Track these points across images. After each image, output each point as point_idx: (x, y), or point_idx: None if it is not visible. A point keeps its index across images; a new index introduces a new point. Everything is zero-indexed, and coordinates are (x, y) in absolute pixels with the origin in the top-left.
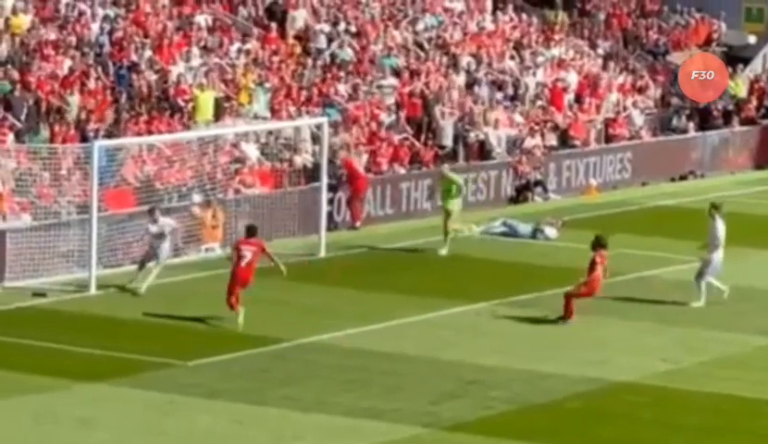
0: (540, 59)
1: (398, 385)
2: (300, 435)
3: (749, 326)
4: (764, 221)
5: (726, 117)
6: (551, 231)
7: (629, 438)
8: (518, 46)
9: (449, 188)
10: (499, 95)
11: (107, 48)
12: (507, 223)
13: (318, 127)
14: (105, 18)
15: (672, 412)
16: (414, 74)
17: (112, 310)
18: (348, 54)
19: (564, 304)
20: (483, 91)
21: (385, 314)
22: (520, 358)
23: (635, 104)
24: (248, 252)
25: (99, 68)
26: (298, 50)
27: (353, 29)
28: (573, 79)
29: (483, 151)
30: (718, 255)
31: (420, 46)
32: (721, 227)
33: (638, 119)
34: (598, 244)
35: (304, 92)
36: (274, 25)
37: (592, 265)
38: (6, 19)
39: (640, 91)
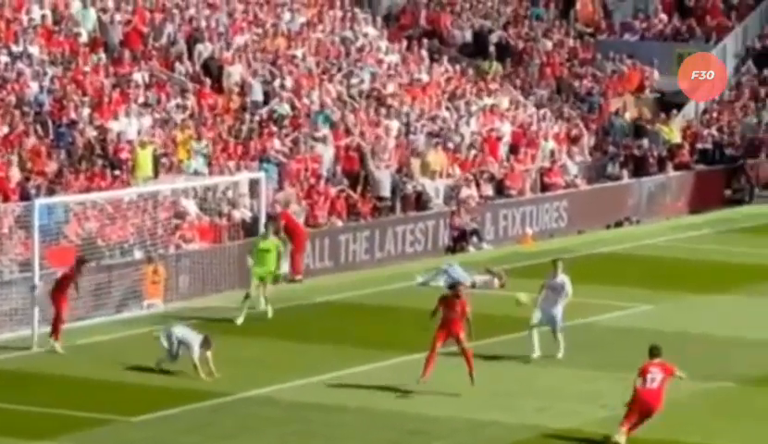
0: (474, 109)
1: (339, 437)
2: None
3: (688, 372)
4: (700, 266)
5: (661, 163)
6: (486, 281)
7: None
8: (453, 97)
9: (267, 249)
10: (435, 146)
11: (47, 107)
12: (449, 270)
13: (256, 181)
14: (44, 76)
15: None
16: (350, 127)
17: (55, 368)
18: (285, 108)
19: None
20: (419, 141)
21: (326, 366)
22: (461, 407)
23: (569, 153)
24: None
25: (38, 127)
26: (235, 105)
27: (289, 83)
28: (507, 128)
29: (420, 201)
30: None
31: (355, 99)
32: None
33: (573, 168)
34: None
35: (242, 147)
36: (210, 81)
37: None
38: None
39: (574, 139)
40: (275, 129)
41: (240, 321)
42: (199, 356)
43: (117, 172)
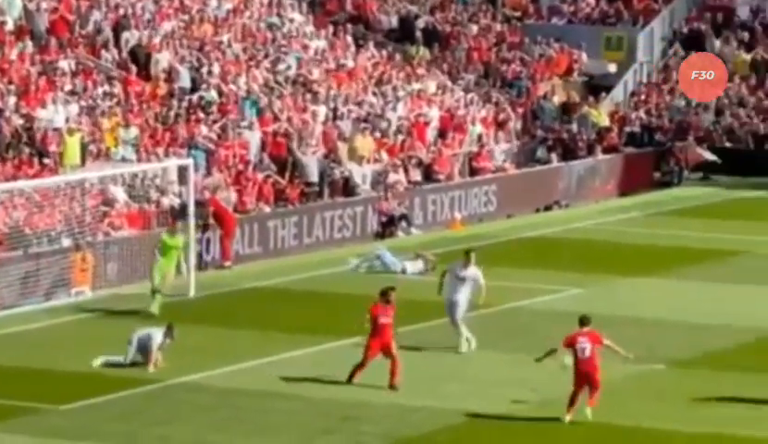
0: (402, 94)
1: (271, 423)
2: None
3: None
4: (629, 249)
5: (589, 147)
6: (415, 266)
7: None
8: (380, 82)
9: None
10: (362, 131)
11: None
12: (380, 254)
13: (184, 168)
14: None
15: (545, 441)
16: (277, 113)
17: None
18: (212, 95)
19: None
20: (346, 127)
21: (256, 352)
22: (391, 393)
23: (497, 137)
24: None
25: None
26: (162, 92)
27: (216, 70)
28: (435, 113)
29: (348, 187)
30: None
31: (282, 85)
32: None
33: (501, 152)
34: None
35: (169, 134)
36: (137, 68)
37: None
38: None
39: (502, 124)
40: (202, 115)
41: (154, 309)
42: (160, 345)
43: (44, 160)
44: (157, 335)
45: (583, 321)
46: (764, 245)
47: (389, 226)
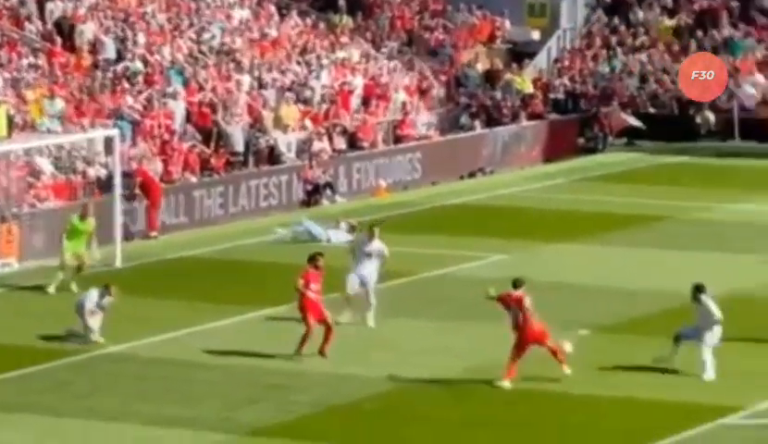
0: (326, 63)
1: (197, 392)
2: None
3: (546, 321)
4: (554, 215)
5: (514, 114)
6: (340, 234)
7: (429, 437)
8: (304, 51)
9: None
10: (287, 100)
11: None
12: (305, 225)
13: (110, 139)
14: None
15: (471, 408)
16: (202, 83)
17: None
18: (137, 65)
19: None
20: (271, 96)
21: (182, 322)
22: (319, 361)
23: (420, 105)
24: None
25: None
26: (87, 63)
27: (141, 40)
28: (359, 81)
29: (273, 156)
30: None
31: (206, 55)
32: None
33: (426, 119)
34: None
35: (95, 105)
36: (61, 39)
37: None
38: None
39: (426, 91)
40: (128, 86)
41: (51, 290)
42: (96, 305)
43: None
44: (92, 294)
45: (516, 284)
46: (688, 210)
47: (314, 194)
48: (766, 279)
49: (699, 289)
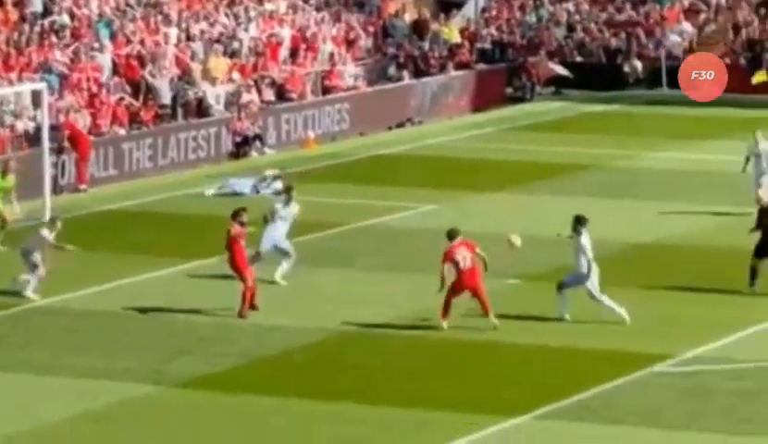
0: (253, 14)
1: (127, 344)
2: (36, 399)
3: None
4: (483, 164)
5: (442, 64)
6: (271, 186)
7: (359, 387)
8: (232, 3)
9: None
10: (215, 52)
11: None
12: (228, 184)
13: (38, 92)
14: None
15: (401, 358)
16: (129, 35)
17: None
18: (64, 19)
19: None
20: (199, 48)
21: (114, 274)
22: (251, 312)
23: (348, 56)
24: None
25: None
26: (14, 17)
27: None
28: (286, 33)
29: (201, 108)
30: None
31: (133, 7)
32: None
33: (353, 71)
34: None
35: (22, 59)
36: None
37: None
38: None
39: (353, 42)
40: (55, 39)
41: None
42: (46, 239)
43: None
44: (45, 233)
45: (451, 235)
46: (615, 159)
47: (243, 146)
48: (689, 227)
49: (579, 222)
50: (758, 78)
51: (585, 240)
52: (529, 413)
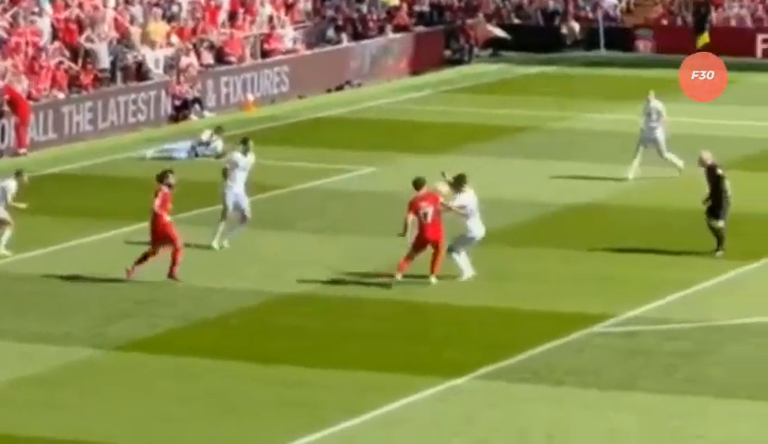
0: None
1: (66, 307)
2: None
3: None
4: (422, 127)
5: (380, 26)
6: (213, 145)
7: (298, 349)
8: None
9: None
10: (154, 15)
11: None
12: (163, 149)
13: None
14: None
15: (341, 320)
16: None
17: None
18: None
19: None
20: (137, 12)
21: (53, 238)
22: (188, 275)
23: (287, 19)
24: None
25: None
26: None
27: None
28: None
29: (141, 71)
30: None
31: None
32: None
33: (292, 33)
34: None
35: None
36: None
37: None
38: None
39: (291, 5)
40: None
41: None
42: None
43: None
44: (9, 184)
45: (417, 184)
46: (554, 120)
47: (182, 109)
48: (628, 188)
49: (459, 181)
50: (702, 41)
51: (465, 199)
52: (470, 375)
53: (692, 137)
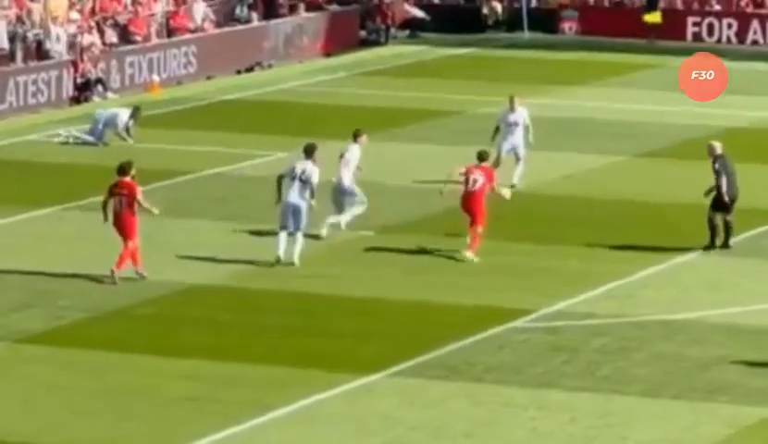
0: None
1: None
2: None
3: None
4: (337, 110)
5: (292, 5)
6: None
7: (208, 343)
8: None
9: None
10: None
11: None
12: (74, 135)
13: None
14: None
15: (252, 313)
16: None
17: None
18: None
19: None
20: None
21: None
22: (93, 265)
23: None
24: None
25: None
26: None
27: None
28: None
29: (41, 50)
30: None
31: None
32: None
33: (201, 11)
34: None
35: None
36: None
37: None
38: None
39: None
40: None
41: None
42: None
43: None
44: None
45: (482, 156)
46: (474, 105)
47: (84, 90)
48: (552, 176)
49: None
50: (652, 19)
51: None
52: (384, 371)
53: (616, 123)
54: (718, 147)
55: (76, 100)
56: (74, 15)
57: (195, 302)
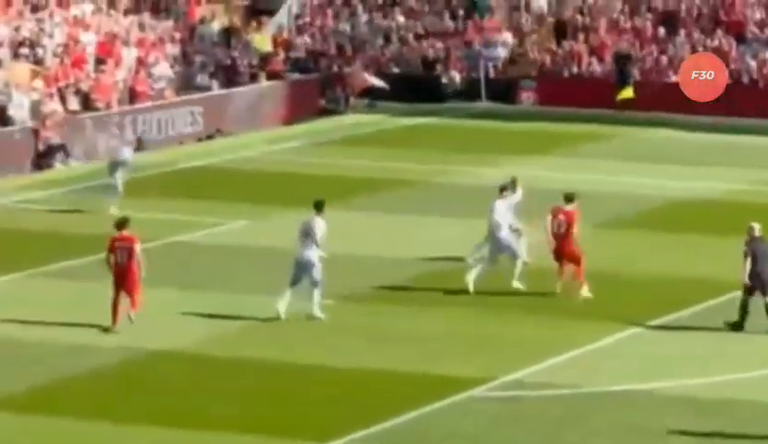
0: (58, 20)
1: None
2: None
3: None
4: (296, 179)
5: (253, 74)
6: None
7: (164, 407)
8: (36, 9)
9: None
10: (18, 58)
11: None
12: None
13: None
14: None
15: (209, 379)
16: None
17: None
18: None
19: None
20: (3, 54)
21: None
22: (57, 331)
23: (157, 63)
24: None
25: None
26: None
27: None
28: (92, 39)
29: (4, 116)
30: None
31: None
32: None
33: (162, 74)
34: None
35: None
36: None
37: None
38: None
39: (160, 49)
40: None
41: None
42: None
43: None
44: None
45: (567, 197)
46: (432, 174)
47: (46, 157)
48: None
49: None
50: (624, 94)
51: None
52: (344, 438)
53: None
54: (756, 229)
55: (38, 167)
56: (37, 83)
57: (153, 368)
